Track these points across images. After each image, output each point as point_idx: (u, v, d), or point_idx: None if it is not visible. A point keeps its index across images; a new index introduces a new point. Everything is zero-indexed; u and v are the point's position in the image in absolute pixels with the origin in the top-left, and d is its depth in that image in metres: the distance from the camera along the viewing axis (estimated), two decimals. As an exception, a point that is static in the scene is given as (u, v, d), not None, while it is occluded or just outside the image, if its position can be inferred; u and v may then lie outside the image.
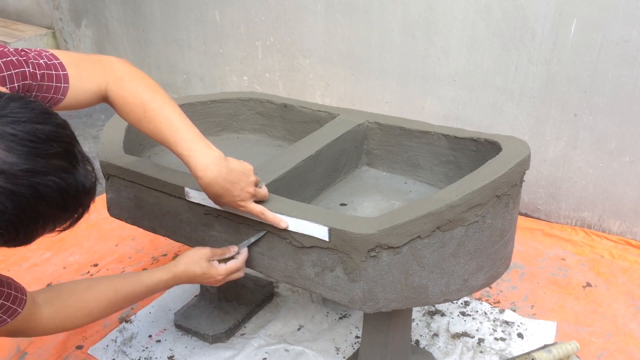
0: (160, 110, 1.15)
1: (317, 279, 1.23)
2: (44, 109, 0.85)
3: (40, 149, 0.81)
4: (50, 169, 0.82)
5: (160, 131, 1.15)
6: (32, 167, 0.80)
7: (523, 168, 1.30)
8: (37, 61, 1.05)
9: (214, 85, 3.01)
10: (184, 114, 1.18)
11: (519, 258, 2.03)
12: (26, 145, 0.79)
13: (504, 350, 1.66)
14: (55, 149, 0.82)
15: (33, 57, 1.05)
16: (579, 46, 1.97)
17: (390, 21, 2.30)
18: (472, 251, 1.23)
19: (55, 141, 0.83)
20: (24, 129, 0.80)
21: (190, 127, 1.16)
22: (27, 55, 1.04)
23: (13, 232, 0.82)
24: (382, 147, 1.58)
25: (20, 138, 0.79)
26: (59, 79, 1.07)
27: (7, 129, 0.79)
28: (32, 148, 0.80)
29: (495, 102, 2.20)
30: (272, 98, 1.73)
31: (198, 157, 1.14)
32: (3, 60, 0.99)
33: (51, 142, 0.82)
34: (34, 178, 0.80)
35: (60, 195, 0.83)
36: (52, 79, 1.06)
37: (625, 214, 2.12)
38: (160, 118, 1.14)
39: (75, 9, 3.41)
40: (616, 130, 2.02)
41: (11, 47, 1.04)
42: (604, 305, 1.84)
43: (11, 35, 3.51)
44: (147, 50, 3.18)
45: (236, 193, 1.18)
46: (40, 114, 0.83)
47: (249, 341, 1.71)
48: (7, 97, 0.82)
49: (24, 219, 0.81)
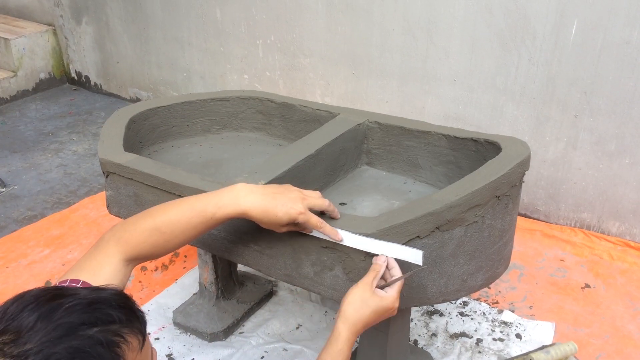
0: (168, 215, 1.10)
1: (316, 278, 1.23)
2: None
3: None
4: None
5: (186, 227, 1.09)
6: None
7: (523, 169, 1.30)
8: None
9: (214, 83, 3.01)
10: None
11: (518, 259, 2.03)
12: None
13: (502, 351, 1.66)
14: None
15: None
16: (580, 47, 1.97)
17: (391, 21, 2.29)
18: (471, 251, 1.23)
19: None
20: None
21: (199, 195, 1.12)
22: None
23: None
24: (382, 147, 1.58)
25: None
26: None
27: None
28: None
29: (495, 103, 2.20)
30: (273, 97, 1.73)
31: (229, 201, 1.10)
32: None
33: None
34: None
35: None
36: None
37: (624, 215, 2.12)
38: (173, 218, 1.09)
39: (76, 6, 3.40)
40: (616, 131, 2.02)
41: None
42: (602, 307, 1.84)
43: (12, 32, 3.51)
44: (147, 47, 3.18)
45: (290, 204, 1.10)
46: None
47: (248, 339, 1.71)
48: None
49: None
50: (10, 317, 0.69)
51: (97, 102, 3.48)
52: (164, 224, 1.09)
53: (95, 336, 0.69)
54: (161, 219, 1.10)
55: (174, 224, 1.09)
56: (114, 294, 0.76)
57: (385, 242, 1.11)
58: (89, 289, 0.77)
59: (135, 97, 3.42)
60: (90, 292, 0.75)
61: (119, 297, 0.76)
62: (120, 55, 3.35)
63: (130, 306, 0.77)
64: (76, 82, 3.70)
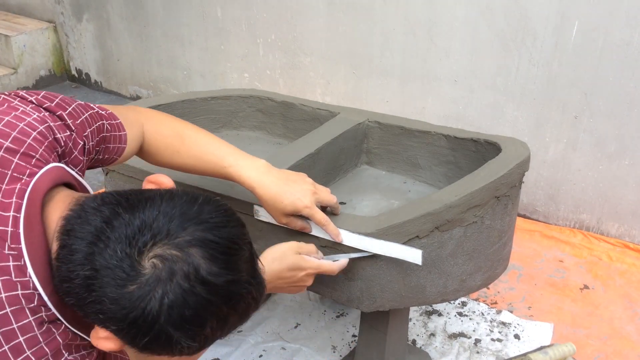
0: (197, 135, 1.14)
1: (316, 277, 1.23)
2: (229, 209, 0.81)
3: (237, 256, 0.77)
4: (244, 275, 0.78)
5: (202, 153, 1.12)
6: (233, 278, 0.75)
7: (522, 169, 1.30)
8: (103, 112, 1.02)
9: (214, 81, 3.01)
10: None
11: (516, 259, 2.03)
12: (226, 253, 0.76)
13: (501, 351, 1.66)
14: (245, 253, 0.79)
15: (98, 107, 1.02)
16: (580, 48, 1.97)
17: (392, 20, 2.29)
18: (470, 252, 1.23)
19: (245, 244, 0.80)
20: (223, 234, 0.76)
21: (230, 145, 1.14)
22: (93, 107, 1.01)
23: (199, 346, 0.77)
24: (382, 147, 1.58)
25: (221, 245, 0.75)
26: (119, 127, 1.04)
27: (209, 235, 0.75)
28: (231, 256, 0.76)
29: (495, 103, 2.20)
30: (273, 95, 1.73)
31: (247, 166, 1.11)
32: (90, 113, 0.95)
33: (242, 246, 0.79)
34: (232, 287, 0.76)
35: (252, 304, 0.80)
36: (114, 128, 1.03)
37: (623, 216, 2.12)
38: (200, 141, 1.12)
39: (77, 3, 3.40)
40: (616, 132, 2.02)
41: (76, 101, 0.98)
42: (601, 308, 1.84)
43: (12, 29, 3.51)
44: (148, 45, 3.18)
45: (299, 194, 1.10)
46: (230, 215, 0.80)
47: (246, 338, 1.71)
48: (201, 201, 0.79)
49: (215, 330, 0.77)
50: (152, 224, 0.74)
51: (97, 100, 3.48)
52: (190, 137, 1.12)
53: (233, 231, 0.78)
54: (190, 132, 1.13)
55: (196, 144, 1.11)
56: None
57: (384, 242, 1.12)
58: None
59: (135, 95, 3.42)
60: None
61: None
62: (120, 52, 3.35)
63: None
64: (76, 80, 3.70)
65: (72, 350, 0.80)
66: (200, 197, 0.79)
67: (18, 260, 0.75)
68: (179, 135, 1.12)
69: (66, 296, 0.76)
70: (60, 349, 0.78)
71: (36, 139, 0.84)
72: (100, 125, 0.98)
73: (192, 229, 0.74)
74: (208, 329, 0.75)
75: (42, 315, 0.76)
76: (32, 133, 0.84)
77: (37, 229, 0.77)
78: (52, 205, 0.81)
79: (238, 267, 0.77)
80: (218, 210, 0.79)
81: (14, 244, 0.75)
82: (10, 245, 0.75)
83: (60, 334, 0.78)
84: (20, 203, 0.77)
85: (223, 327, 0.77)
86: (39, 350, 0.75)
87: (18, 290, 0.75)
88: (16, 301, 0.75)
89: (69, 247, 0.74)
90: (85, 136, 0.93)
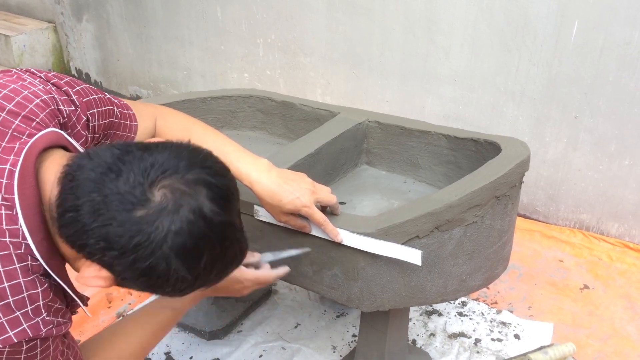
0: (204, 131, 1.18)
1: (315, 277, 1.23)
2: (226, 166, 0.89)
3: (233, 204, 0.85)
4: (237, 222, 0.86)
5: (213, 142, 1.15)
6: (229, 220, 0.83)
7: (522, 169, 1.30)
8: (116, 100, 1.08)
9: (214, 82, 3.00)
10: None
11: (517, 259, 2.03)
12: (225, 198, 0.83)
13: (501, 351, 1.66)
14: (238, 205, 0.87)
15: (112, 97, 1.08)
16: (580, 48, 1.96)
17: (392, 20, 2.29)
18: (470, 252, 1.23)
19: (237, 198, 0.88)
20: (224, 182, 0.84)
21: (235, 143, 1.18)
22: (105, 94, 1.07)
23: (192, 280, 0.83)
24: (382, 146, 1.58)
25: (222, 190, 0.83)
26: (130, 117, 1.10)
27: (212, 180, 0.82)
28: (229, 201, 0.84)
29: (495, 103, 2.20)
30: (273, 95, 1.73)
31: (249, 163, 1.14)
32: (99, 96, 1.01)
33: (237, 197, 0.87)
34: (228, 230, 0.83)
35: (238, 255, 0.87)
36: (125, 117, 1.09)
37: (624, 216, 2.12)
38: (206, 137, 1.17)
39: (77, 3, 3.40)
40: (616, 132, 2.01)
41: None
42: (601, 308, 1.84)
43: (12, 29, 3.51)
44: (148, 45, 3.18)
45: (298, 194, 1.12)
46: (228, 170, 0.88)
47: (246, 338, 1.71)
48: (205, 152, 0.86)
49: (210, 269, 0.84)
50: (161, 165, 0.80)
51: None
52: (197, 133, 1.16)
53: (231, 182, 0.87)
54: (198, 128, 1.18)
55: (202, 139, 1.15)
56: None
57: (384, 242, 1.11)
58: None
59: (135, 95, 3.42)
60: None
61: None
62: (120, 53, 3.35)
63: None
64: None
65: (51, 313, 0.83)
66: (204, 149, 0.86)
67: (10, 210, 0.80)
68: (187, 130, 1.17)
69: (67, 227, 0.79)
70: (40, 307, 0.81)
71: (38, 105, 0.89)
72: (110, 110, 1.03)
73: (198, 171, 0.81)
74: (202, 264, 0.81)
75: (28, 264, 0.80)
76: (35, 100, 0.89)
77: (30, 182, 0.82)
78: (47, 163, 0.85)
79: (233, 214, 0.84)
80: (218, 162, 0.87)
81: (7, 194, 0.80)
82: (4, 195, 0.80)
83: (43, 292, 0.82)
84: (17, 160, 0.82)
85: (212, 269, 0.83)
86: (20, 301, 0.79)
87: (6, 238, 0.79)
88: (4, 247, 0.79)
89: (78, 179, 0.78)
90: (90, 114, 0.97)
